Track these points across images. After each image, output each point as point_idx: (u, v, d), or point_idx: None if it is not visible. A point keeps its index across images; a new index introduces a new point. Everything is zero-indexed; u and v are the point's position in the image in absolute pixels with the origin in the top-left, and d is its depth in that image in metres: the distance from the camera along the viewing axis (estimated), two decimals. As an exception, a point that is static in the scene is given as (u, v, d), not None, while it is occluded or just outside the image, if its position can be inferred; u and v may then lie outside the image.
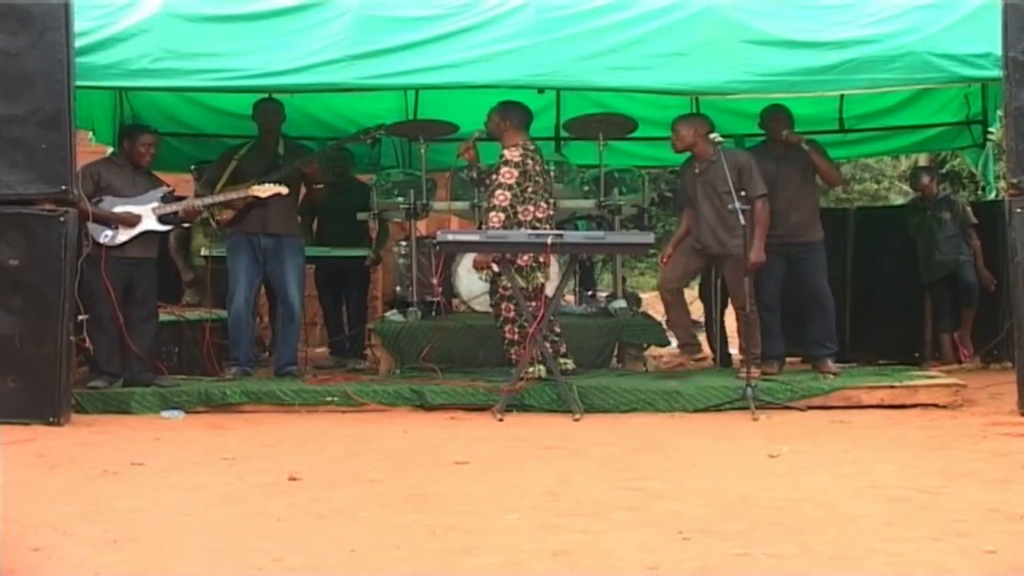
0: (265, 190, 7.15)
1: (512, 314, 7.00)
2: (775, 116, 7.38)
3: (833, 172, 7.76)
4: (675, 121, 7.35)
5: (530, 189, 6.95)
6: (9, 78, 6.21)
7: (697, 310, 9.20)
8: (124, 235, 6.82)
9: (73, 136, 6.33)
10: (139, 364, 6.93)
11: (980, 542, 3.58)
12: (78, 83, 6.37)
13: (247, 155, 7.51)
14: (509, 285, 6.89)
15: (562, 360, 7.04)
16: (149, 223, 6.91)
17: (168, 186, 7.16)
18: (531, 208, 6.94)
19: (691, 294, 8.60)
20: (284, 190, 7.21)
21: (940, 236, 8.49)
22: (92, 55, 6.63)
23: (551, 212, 7.15)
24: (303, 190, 7.91)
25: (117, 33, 6.78)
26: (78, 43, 6.42)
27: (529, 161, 6.98)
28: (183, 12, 6.91)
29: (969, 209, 8.62)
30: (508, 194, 6.89)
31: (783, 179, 7.25)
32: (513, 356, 7.01)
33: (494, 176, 7.01)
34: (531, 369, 6.83)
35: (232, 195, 7.24)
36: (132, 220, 6.84)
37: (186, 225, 7.57)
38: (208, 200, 7.22)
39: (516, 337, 7.01)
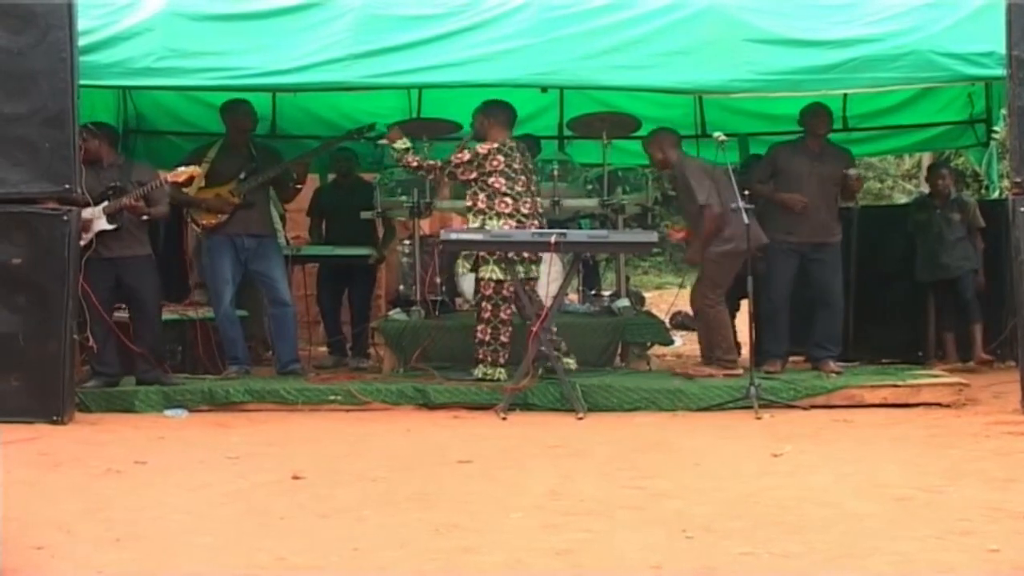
0: (178, 174, 6.99)
1: (488, 314, 7.01)
2: (819, 114, 7.43)
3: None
4: (643, 145, 7.48)
5: (503, 184, 6.96)
6: (13, 77, 6.20)
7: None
8: (83, 238, 6.67)
9: (76, 135, 6.33)
10: (144, 363, 6.92)
11: (983, 541, 3.57)
12: (81, 82, 6.36)
13: (219, 157, 7.44)
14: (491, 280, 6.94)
15: (565, 360, 7.05)
16: (100, 224, 6.77)
17: (116, 183, 6.91)
18: (508, 202, 6.96)
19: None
20: (196, 171, 7.12)
21: (949, 238, 8.38)
22: (95, 54, 6.65)
23: (539, 209, 7.19)
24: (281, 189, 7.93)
25: (120, 32, 6.79)
26: (81, 42, 6.42)
27: (500, 156, 6.99)
28: (186, 11, 6.92)
29: (979, 212, 8.53)
30: (456, 161, 7.00)
31: (814, 178, 7.29)
32: (480, 356, 7.05)
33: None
34: (490, 371, 6.97)
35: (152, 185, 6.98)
36: (84, 224, 6.65)
37: (146, 217, 7.44)
38: (140, 191, 6.93)
39: (487, 338, 7.03)
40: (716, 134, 7.09)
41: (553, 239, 6.53)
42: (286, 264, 7.91)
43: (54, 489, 4.56)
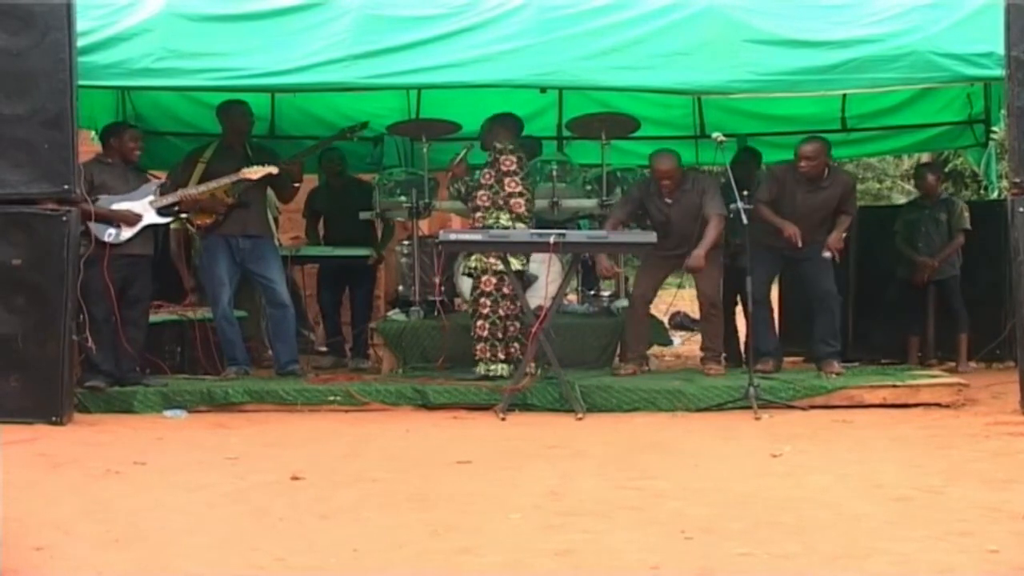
0: (256, 171, 7.11)
1: (487, 310, 7.04)
2: (803, 157, 7.22)
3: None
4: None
5: (514, 185, 7.13)
6: (12, 78, 6.21)
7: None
8: (127, 232, 6.81)
9: (75, 136, 6.33)
10: (128, 363, 6.91)
11: (982, 541, 3.58)
12: (80, 82, 6.36)
13: (215, 157, 7.39)
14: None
15: (502, 366, 7.08)
16: (149, 217, 6.89)
17: (159, 179, 7.12)
18: (521, 201, 7.12)
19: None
20: (274, 170, 7.19)
21: (938, 241, 8.37)
22: (94, 54, 6.64)
23: (529, 208, 7.28)
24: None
25: (119, 33, 6.79)
26: (80, 42, 6.42)
27: (503, 159, 7.15)
28: (185, 11, 6.92)
29: (967, 214, 8.41)
30: (488, 193, 7.10)
31: (808, 205, 7.24)
32: (477, 353, 7.09)
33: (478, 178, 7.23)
34: (493, 367, 7.03)
35: (224, 180, 7.16)
36: (133, 217, 6.83)
37: (184, 216, 7.52)
38: (203, 187, 7.13)
39: (485, 334, 7.07)
40: (715, 135, 7.09)
41: (552, 239, 6.54)
42: (285, 265, 7.91)
43: (53, 490, 4.56)
